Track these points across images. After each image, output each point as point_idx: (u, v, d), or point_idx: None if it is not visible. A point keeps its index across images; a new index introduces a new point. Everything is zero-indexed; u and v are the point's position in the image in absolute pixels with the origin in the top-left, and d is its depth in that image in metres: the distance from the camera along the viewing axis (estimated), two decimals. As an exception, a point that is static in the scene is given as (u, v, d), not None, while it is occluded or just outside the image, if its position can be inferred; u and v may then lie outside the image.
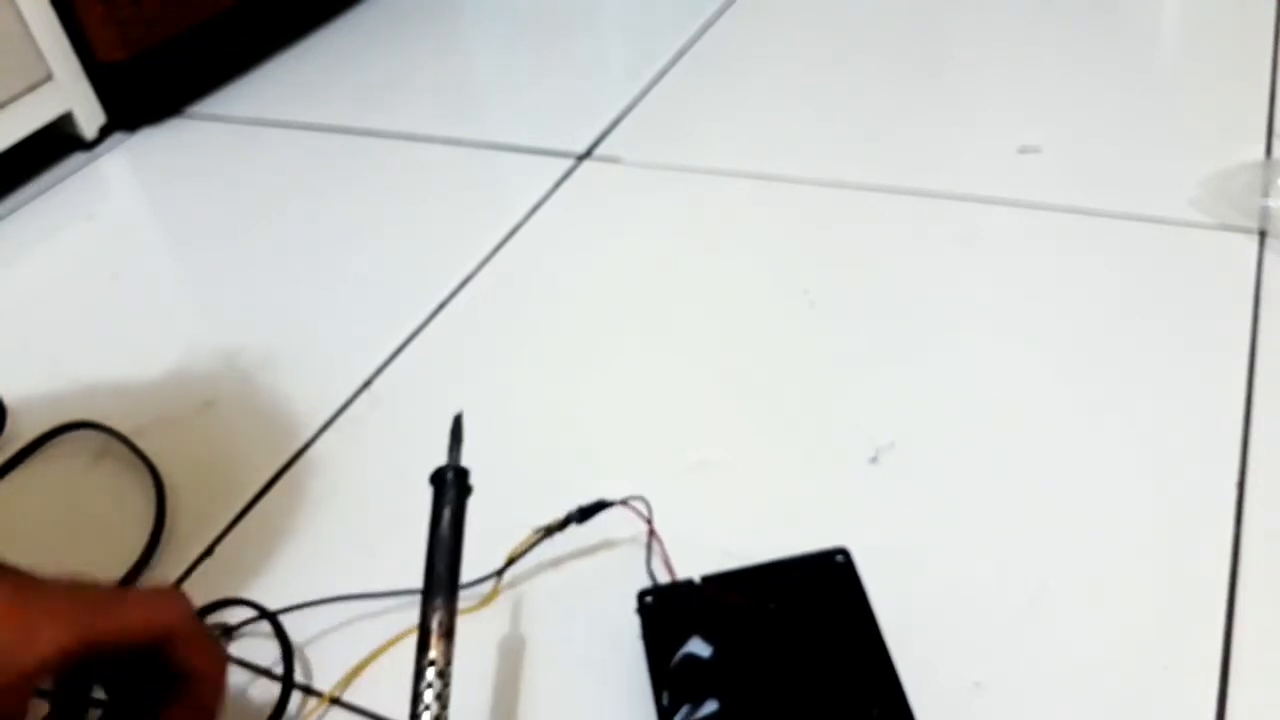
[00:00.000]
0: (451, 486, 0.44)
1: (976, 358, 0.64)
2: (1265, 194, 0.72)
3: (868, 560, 0.50)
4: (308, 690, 0.49)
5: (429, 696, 0.39)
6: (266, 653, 0.50)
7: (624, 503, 0.52)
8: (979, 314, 0.67)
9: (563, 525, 0.51)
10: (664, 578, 0.51)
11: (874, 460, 0.58)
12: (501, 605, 0.52)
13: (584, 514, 0.51)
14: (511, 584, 0.53)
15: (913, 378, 0.63)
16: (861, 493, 0.56)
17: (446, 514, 0.44)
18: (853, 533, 0.52)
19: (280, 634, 0.50)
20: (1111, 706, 0.45)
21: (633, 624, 0.48)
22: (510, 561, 0.51)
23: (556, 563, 0.53)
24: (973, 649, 0.47)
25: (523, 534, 0.51)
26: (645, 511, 0.52)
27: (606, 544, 0.54)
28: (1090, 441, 0.57)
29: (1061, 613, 0.49)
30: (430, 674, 0.40)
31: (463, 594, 0.44)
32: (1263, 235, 0.70)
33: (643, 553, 0.52)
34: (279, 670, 0.49)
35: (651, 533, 0.52)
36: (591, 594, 0.52)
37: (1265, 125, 0.82)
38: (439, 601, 0.42)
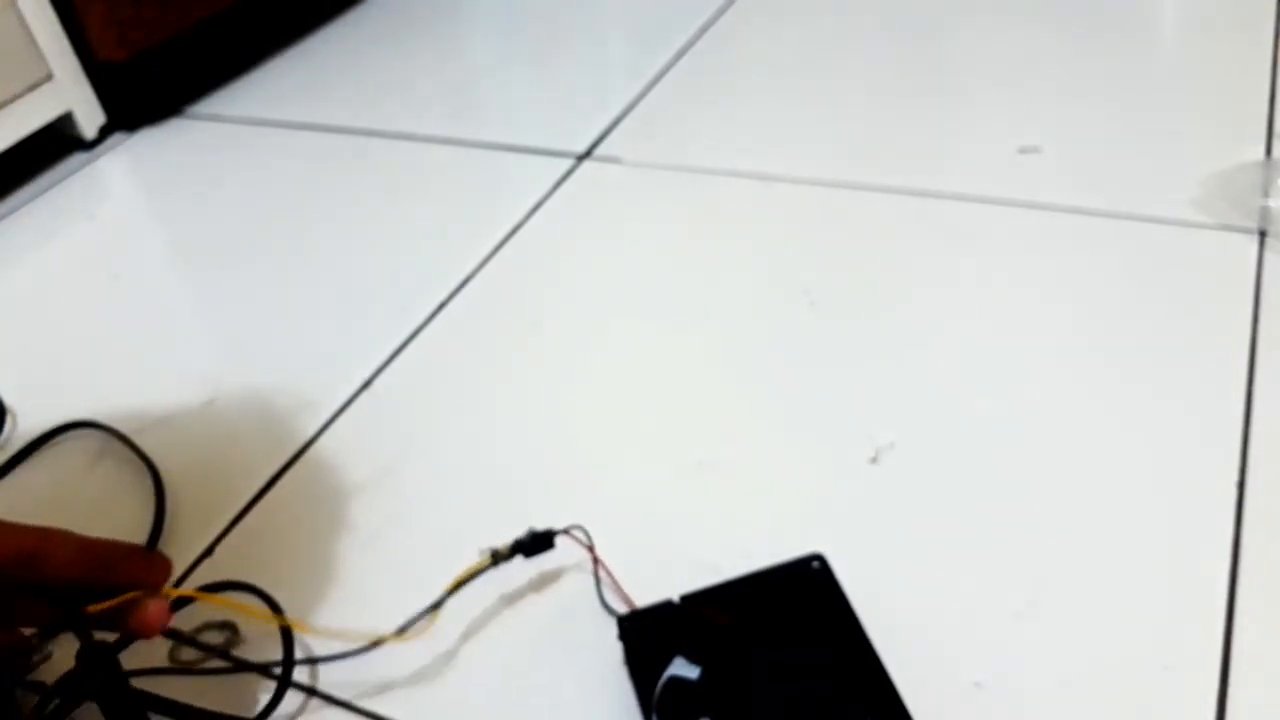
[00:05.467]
0: None
1: (976, 357, 0.64)
2: (1265, 194, 0.72)
3: (867, 560, 0.50)
4: (310, 690, 0.49)
5: None
6: (267, 651, 0.51)
7: (566, 532, 0.51)
8: (979, 314, 0.67)
9: (509, 555, 0.50)
10: (619, 605, 0.49)
11: (874, 460, 0.58)
12: (455, 642, 0.50)
13: (530, 548, 0.50)
14: (469, 625, 0.51)
15: (913, 378, 0.63)
16: (861, 493, 0.56)
17: None
18: (852, 533, 0.53)
19: (285, 633, 0.50)
20: (1111, 706, 0.45)
21: (611, 652, 0.47)
22: (452, 590, 0.49)
23: (509, 599, 0.52)
24: (973, 649, 0.47)
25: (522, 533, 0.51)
26: (586, 540, 0.51)
27: (561, 573, 0.52)
28: (1090, 441, 0.57)
29: (1061, 613, 0.49)
30: None
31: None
32: (1263, 235, 0.70)
33: (607, 577, 0.51)
34: (277, 670, 0.49)
35: (596, 561, 0.51)
36: (555, 625, 0.50)
37: (1265, 125, 0.82)
38: None
